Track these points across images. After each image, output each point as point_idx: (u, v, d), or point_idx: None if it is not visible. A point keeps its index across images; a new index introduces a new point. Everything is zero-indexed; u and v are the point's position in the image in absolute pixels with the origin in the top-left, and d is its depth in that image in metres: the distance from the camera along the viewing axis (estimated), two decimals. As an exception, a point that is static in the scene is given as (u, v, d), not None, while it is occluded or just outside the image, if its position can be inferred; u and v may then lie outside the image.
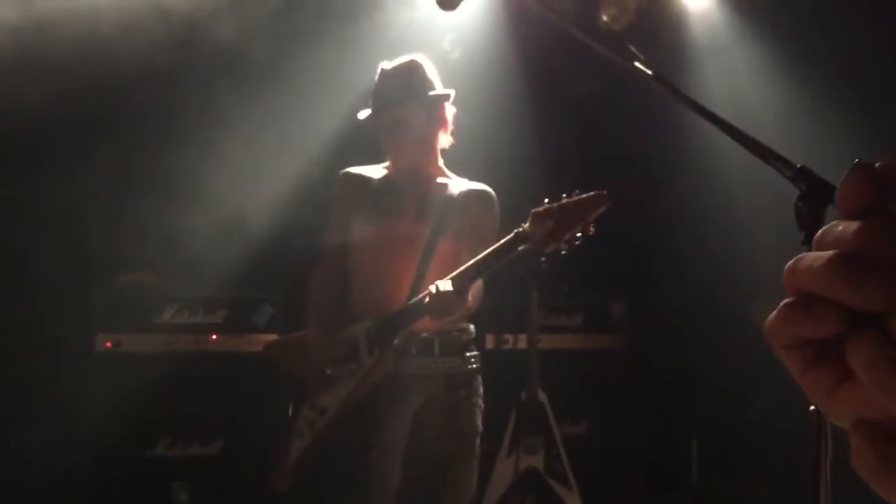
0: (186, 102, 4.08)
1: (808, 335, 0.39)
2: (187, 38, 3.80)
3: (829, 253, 0.38)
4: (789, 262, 0.40)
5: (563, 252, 2.62)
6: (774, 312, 0.40)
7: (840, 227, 0.39)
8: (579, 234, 2.58)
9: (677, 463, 4.80)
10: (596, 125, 4.81)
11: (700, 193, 4.60)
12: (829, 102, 3.94)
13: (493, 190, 3.08)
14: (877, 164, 0.39)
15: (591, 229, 2.59)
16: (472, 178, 3.09)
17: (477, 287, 2.88)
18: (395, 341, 2.84)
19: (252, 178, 4.08)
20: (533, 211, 2.64)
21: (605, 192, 2.58)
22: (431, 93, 2.96)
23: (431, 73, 3.00)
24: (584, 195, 2.59)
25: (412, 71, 2.96)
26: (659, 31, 4.64)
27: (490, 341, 4.53)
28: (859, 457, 0.38)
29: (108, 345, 3.93)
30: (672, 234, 4.71)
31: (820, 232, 0.40)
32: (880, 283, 0.36)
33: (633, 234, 4.42)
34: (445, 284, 2.70)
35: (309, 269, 3.11)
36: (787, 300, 0.40)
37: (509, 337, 4.59)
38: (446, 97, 2.99)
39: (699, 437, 4.77)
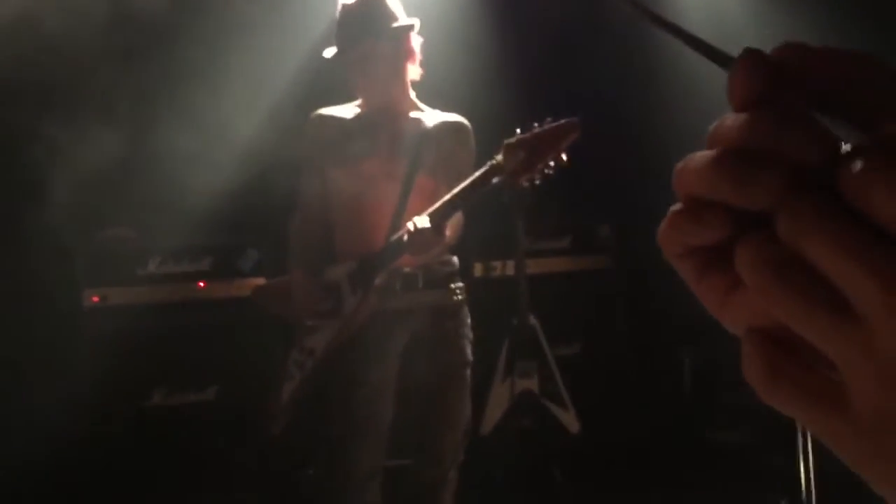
0: (152, 54, 4.00)
1: (697, 242, 0.37)
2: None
3: (713, 151, 0.35)
4: (678, 165, 0.37)
5: (536, 182, 2.61)
6: (664, 220, 0.38)
7: (728, 122, 0.36)
8: (552, 164, 2.57)
9: (670, 376, 4.86)
10: (575, 48, 4.73)
11: (681, 108, 4.56)
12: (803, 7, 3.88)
13: (468, 120, 3.05)
14: (769, 50, 0.36)
15: (564, 157, 2.57)
16: (445, 110, 3.05)
17: (456, 220, 2.87)
18: (378, 280, 2.85)
19: (225, 125, 4.03)
20: (505, 142, 2.62)
21: (575, 119, 2.56)
22: (395, 24, 2.89)
23: (394, 4, 2.93)
24: (555, 123, 2.56)
25: (373, 4, 2.89)
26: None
27: (478, 269, 4.54)
28: (748, 363, 0.36)
29: (95, 300, 3.93)
30: (651, 151, 4.68)
31: (711, 128, 0.37)
32: (765, 179, 0.34)
33: (612, 154, 4.39)
34: (423, 221, 2.69)
35: (292, 211, 3.10)
36: (674, 206, 0.38)
37: (497, 264, 4.59)
38: (410, 27, 2.93)
39: (691, 349, 4.82)
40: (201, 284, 4.12)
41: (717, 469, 4.23)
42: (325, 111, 3.02)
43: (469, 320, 3.05)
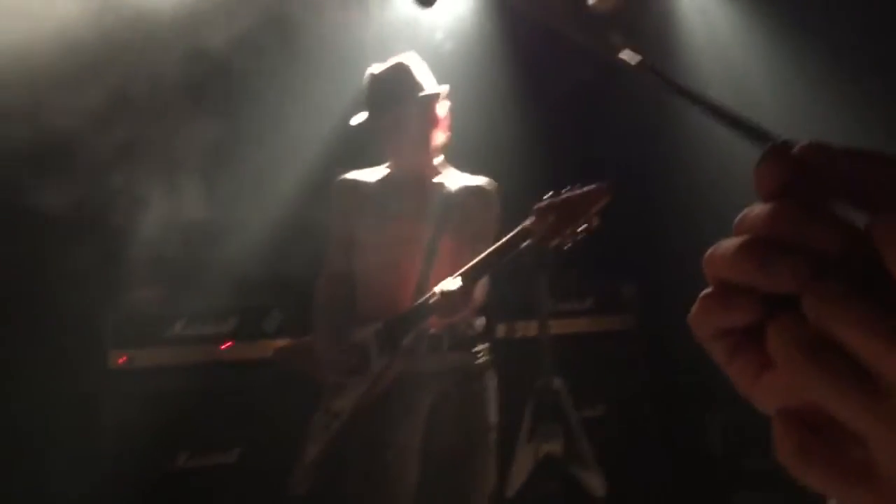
0: (182, 113, 4.08)
1: (727, 325, 0.39)
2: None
3: (741, 238, 0.38)
4: (708, 251, 0.40)
5: (566, 247, 2.62)
6: (694, 305, 0.40)
7: (755, 211, 0.38)
8: (582, 228, 2.58)
9: (697, 439, 4.79)
10: (598, 110, 4.79)
11: (704, 173, 4.58)
12: (823, 75, 3.91)
13: (494, 180, 3.08)
14: (794, 148, 0.39)
15: (596, 221, 2.58)
16: (473, 172, 3.09)
17: (483, 283, 2.88)
18: (405, 341, 2.85)
19: (252, 185, 4.09)
20: (535, 206, 2.64)
21: (606, 184, 2.57)
22: (422, 94, 2.95)
23: (421, 72, 2.99)
24: (586, 188, 2.58)
25: (401, 73, 2.96)
26: (648, 8, 4.61)
27: (501, 330, 4.53)
28: (780, 444, 0.38)
29: (122, 360, 3.95)
30: (673, 213, 4.69)
31: (738, 217, 0.39)
32: (790, 265, 0.36)
33: (639, 217, 4.40)
34: (452, 283, 2.70)
35: (316, 272, 3.13)
36: (705, 291, 0.40)
37: (520, 325, 4.58)
38: (437, 96, 2.98)
39: (720, 411, 4.76)
40: (226, 345, 4.13)
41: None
42: (351, 175, 3.07)
43: (494, 382, 3.04)
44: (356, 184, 3.04)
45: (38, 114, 3.47)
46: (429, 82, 3.00)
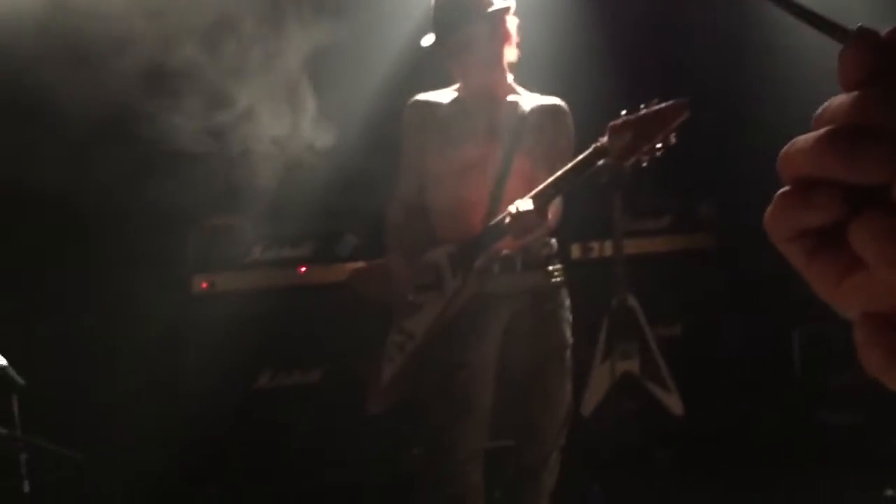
0: (250, 41, 4.08)
1: (807, 224, 0.37)
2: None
3: (822, 130, 0.35)
4: (783, 149, 0.37)
5: (643, 164, 2.56)
6: (771, 205, 0.38)
7: (837, 101, 0.36)
8: (660, 145, 2.52)
9: (778, 357, 4.72)
10: (674, 24, 4.62)
11: (784, 83, 4.41)
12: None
13: (566, 102, 3.02)
14: (885, 33, 0.36)
15: (673, 138, 2.52)
16: (543, 93, 3.03)
17: (556, 203, 2.85)
18: (478, 263, 2.85)
19: (326, 112, 4.09)
20: (610, 124, 2.58)
21: (684, 100, 2.49)
22: (490, 9, 2.88)
23: None
24: (664, 104, 2.51)
25: None
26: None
27: (576, 251, 4.50)
28: (866, 350, 0.36)
29: (204, 286, 4.07)
30: (752, 128, 4.54)
31: (819, 109, 0.37)
32: (877, 153, 0.34)
33: (713, 130, 4.28)
34: (525, 204, 2.68)
35: (388, 197, 3.13)
36: (782, 189, 0.38)
37: (595, 245, 4.54)
38: (506, 10, 2.91)
39: (799, 329, 4.67)
40: (303, 269, 4.21)
41: (827, 452, 4.11)
42: (423, 97, 3.04)
43: (568, 302, 3.04)
44: (428, 105, 3.01)
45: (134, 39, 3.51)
46: (497, -2, 2.93)
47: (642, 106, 2.57)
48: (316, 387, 4.11)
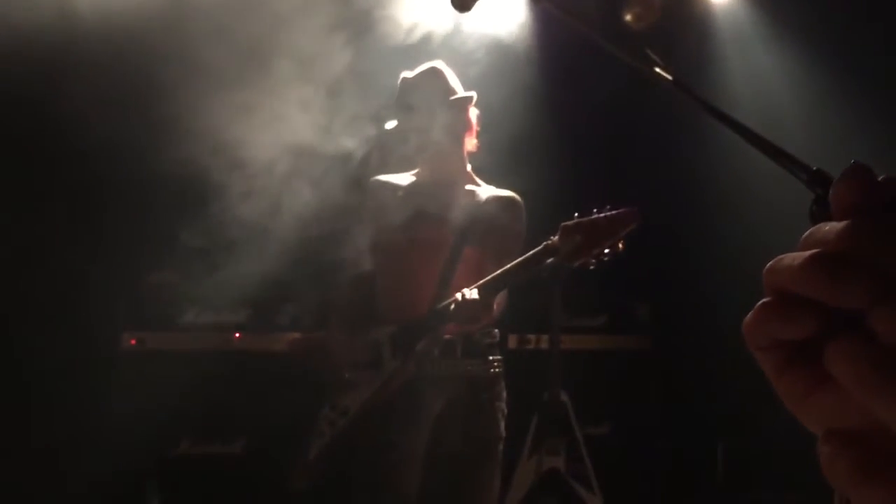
0: (203, 102, 4.09)
1: (784, 336, 0.39)
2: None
3: (812, 252, 0.37)
4: (769, 263, 0.39)
5: (590, 267, 2.61)
6: (751, 312, 0.40)
7: (826, 228, 0.38)
8: (608, 250, 2.57)
9: (702, 466, 4.76)
10: (621, 128, 4.77)
11: (725, 196, 4.56)
12: (854, 101, 3.89)
13: (520, 196, 3.07)
14: (881, 178, 0.39)
15: (621, 246, 2.57)
16: (498, 185, 3.09)
17: (501, 295, 2.88)
18: (419, 346, 2.85)
19: (274, 181, 4.09)
20: (563, 224, 2.62)
21: (636, 209, 2.56)
22: (453, 98, 2.96)
23: (452, 78, 3.00)
24: (616, 211, 2.56)
25: (433, 78, 2.97)
26: (683, 29, 4.60)
27: (513, 341, 4.53)
28: (832, 465, 0.37)
29: (133, 342, 3.97)
30: (696, 236, 4.68)
31: (807, 233, 0.39)
32: (858, 281, 0.35)
33: (657, 237, 4.38)
34: (472, 293, 2.70)
35: (331, 270, 3.12)
36: (764, 300, 0.39)
37: (532, 337, 4.58)
38: (469, 100, 2.98)
39: (724, 439, 4.73)
40: (237, 335, 4.14)
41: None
42: (383, 177, 3.07)
43: (504, 394, 3.03)
44: (387, 186, 3.05)
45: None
46: (459, 88, 3.01)
47: (595, 210, 2.62)
48: (238, 457, 4.00)
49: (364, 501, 2.87)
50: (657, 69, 1.71)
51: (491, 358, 2.98)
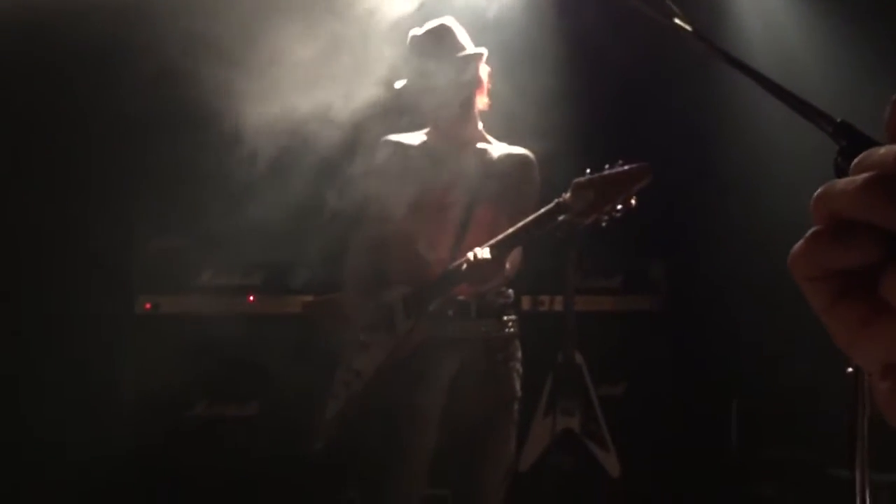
0: (214, 68, 4.06)
1: (840, 264, 0.36)
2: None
3: (869, 174, 0.35)
4: (818, 190, 0.37)
5: (603, 224, 2.59)
6: (801, 241, 0.38)
7: (882, 151, 0.36)
8: (620, 206, 2.54)
9: (716, 425, 4.77)
10: (637, 88, 4.71)
11: (742, 153, 4.51)
12: (876, 51, 3.82)
13: (533, 155, 3.04)
14: None
15: (633, 202, 2.55)
16: (512, 143, 3.05)
17: (515, 254, 2.86)
18: (432, 306, 2.84)
19: (287, 141, 4.06)
20: (574, 181, 2.60)
21: (647, 164, 2.53)
22: (461, 54, 2.91)
23: (462, 35, 2.96)
24: (627, 167, 2.54)
25: (442, 35, 2.92)
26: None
27: (526, 303, 4.51)
28: (893, 402, 0.35)
29: (147, 306, 3.98)
30: (710, 195, 4.63)
31: (858, 157, 0.37)
32: None
33: (673, 196, 4.35)
34: (483, 252, 2.68)
35: (345, 232, 3.11)
36: (815, 228, 0.37)
37: (545, 298, 4.56)
38: (479, 57, 2.94)
39: (738, 399, 4.73)
40: (251, 298, 4.15)
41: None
42: (394, 137, 3.04)
43: (520, 354, 3.02)
44: (398, 146, 3.01)
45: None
46: (470, 45, 2.96)
47: (606, 166, 2.60)
48: (253, 419, 4.03)
49: (380, 462, 2.89)
50: (677, 20, 1.68)
51: (505, 318, 2.97)
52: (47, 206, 3.86)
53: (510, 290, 3.02)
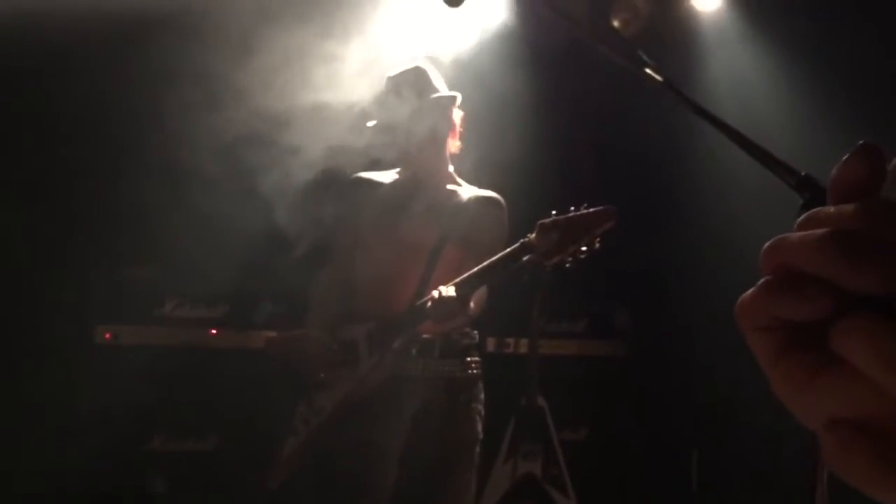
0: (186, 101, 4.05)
1: (790, 314, 0.36)
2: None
3: (826, 229, 0.35)
4: (769, 242, 0.37)
5: (567, 265, 2.60)
6: (750, 290, 0.37)
7: (833, 209, 0.36)
8: (585, 248, 2.57)
9: (677, 472, 4.76)
10: (605, 131, 4.77)
11: (707, 200, 4.57)
12: (837, 107, 3.90)
13: (502, 197, 3.06)
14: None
15: (597, 244, 2.57)
16: (481, 186, 3.07)
17: (480, 294, 2.86)
18: (396, 343, 2.82)
19: (253, 176, 4.05)
20: (539, 222, 2.63)
21: (613, 207, 2.56)
22: (435, 96, 2.94)
23: (436, 78, 2.99)
24: (592, 210, 2.57)
25: (416, 78, 2.95)
26: (668, 34, 4.61)
27: (491, 344, 4.50)
28: (844, 457, 0.34)
29: (108, 336, 3.92)
30: (677, 242, 4.68)
31: (806, 214, 0.37)
32: (881, 262, 0.33)
33: (639, 241, 4.38)
34: (448, 290, 2.68)
35: (310, 267, 3.09)
36: (766, 278, 0.37)
37: (510, 341, 4.56)
38: (452, 100, 2.97)
39: (700, 447, 4.73)
40: (213, 332, 4.10)
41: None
42: (365, 174, 3.05)
43: (482, 396, 3.01)
44: (369, 183, 3.03)
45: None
46: (444, 88, 2.99)
47: (572, 208, 2.63)
48: (211, 454, 3.95)
49: (338, 500, 2.84)
50: (648, 70, 1.70)
51: (469, 359, 2.96)
52: (5, 232, 3.80)
53: (475, 332, 3.02)
